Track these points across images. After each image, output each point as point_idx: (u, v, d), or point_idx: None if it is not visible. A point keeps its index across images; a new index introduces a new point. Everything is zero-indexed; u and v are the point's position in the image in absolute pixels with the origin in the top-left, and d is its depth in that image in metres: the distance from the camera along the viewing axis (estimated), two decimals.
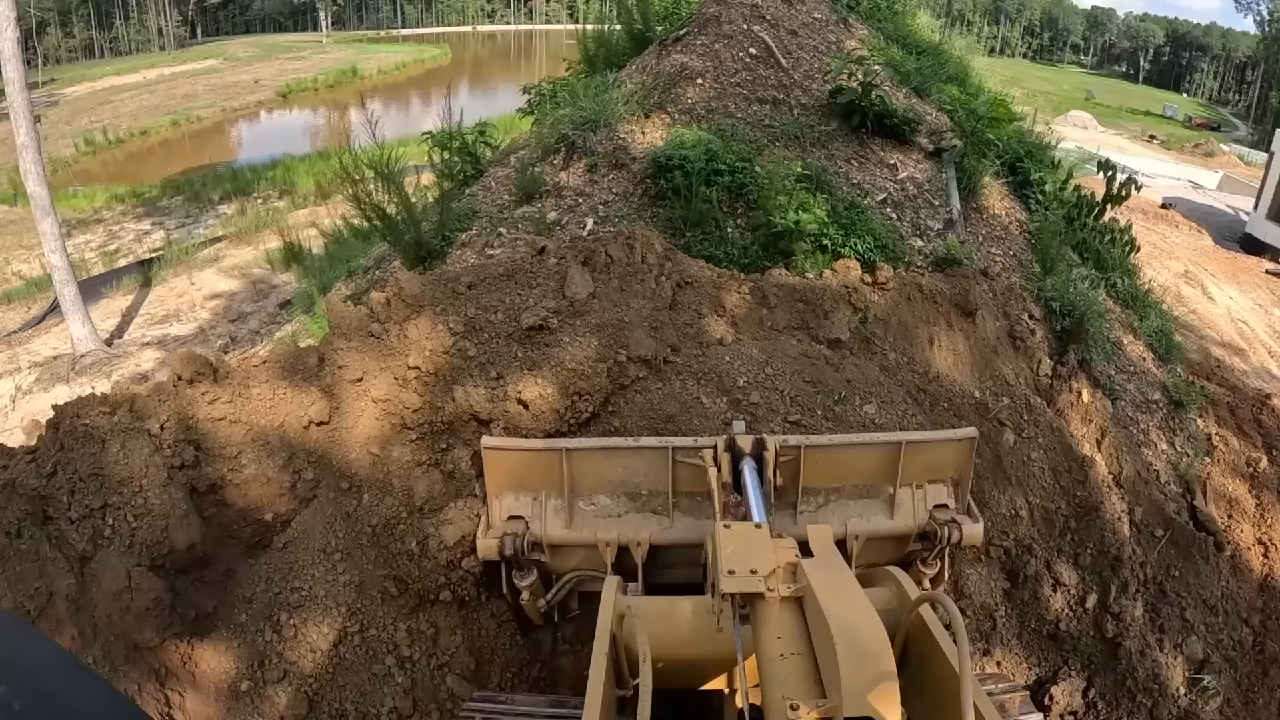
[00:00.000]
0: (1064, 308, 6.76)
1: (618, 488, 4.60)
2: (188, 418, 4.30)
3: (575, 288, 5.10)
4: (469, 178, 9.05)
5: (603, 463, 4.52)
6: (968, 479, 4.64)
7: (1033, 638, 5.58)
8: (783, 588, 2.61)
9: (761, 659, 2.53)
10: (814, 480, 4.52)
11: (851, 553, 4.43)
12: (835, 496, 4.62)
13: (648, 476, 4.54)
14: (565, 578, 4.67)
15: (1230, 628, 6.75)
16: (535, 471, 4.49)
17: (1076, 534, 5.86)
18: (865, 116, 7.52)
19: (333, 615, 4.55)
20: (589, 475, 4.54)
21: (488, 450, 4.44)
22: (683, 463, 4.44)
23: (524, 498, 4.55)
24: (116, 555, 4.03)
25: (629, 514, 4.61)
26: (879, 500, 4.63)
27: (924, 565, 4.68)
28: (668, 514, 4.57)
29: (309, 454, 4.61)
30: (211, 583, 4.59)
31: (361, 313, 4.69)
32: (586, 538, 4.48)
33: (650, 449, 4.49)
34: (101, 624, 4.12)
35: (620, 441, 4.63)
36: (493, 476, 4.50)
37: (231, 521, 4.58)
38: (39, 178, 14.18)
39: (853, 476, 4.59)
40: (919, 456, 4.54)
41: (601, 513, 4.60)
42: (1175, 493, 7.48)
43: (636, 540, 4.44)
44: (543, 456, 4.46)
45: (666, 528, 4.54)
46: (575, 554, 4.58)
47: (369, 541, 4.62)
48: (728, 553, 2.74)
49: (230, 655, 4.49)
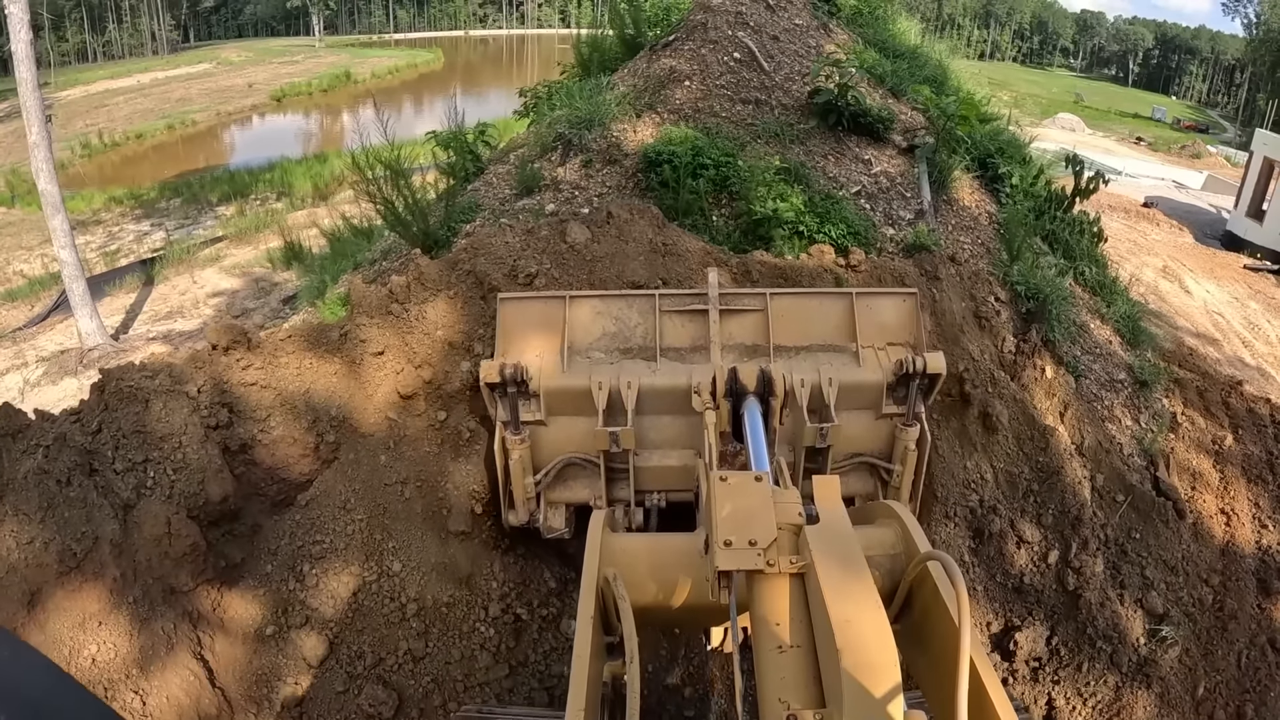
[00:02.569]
0: (1029, 291, 7.21)
1: (611, 340, 5.15)
2: (223, 382, 4.73)
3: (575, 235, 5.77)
4: (470, 175, 9.48)
5: (597, 316, 5.11)
6: (922, 340, 5.21)
7: (998, 590, 6.02)
8: (784, 561, 2.47)
9: (758, 645, 2.42)
10: (784, 338, 5.13)
11: (830, 400, 4.86)
12: (805, 353, 5.19)
13: (638, 328, 5.14)
14: (554, 462, 5.03)
15: (1190, 586, 7.15)
16: (539, 327, 5.05)
17: (1039, 496, 6.31)
18: (841, 115, 7.98)
19: (352, 565, 4.97)
20: (585, 329, 5.11)
21: (504, 301, 5.05)
22: (669, 312, 5.07)
23: (528, 352, 5.03)
24: (158, 504, 4.45)
25: (620, 363, 5.08)
26: (845, 355, 5.18)
27: (904, 433, 5.07)
28: (654, 359, 5.08)
29: (332, 419, 5.04)
30: (240, 536, 5.01)
31: (382, 293, 5.14)
32: (580, 383, 4.87)
33: (639, 297, 5.14)
34: (142, 567, 4.52)
35: (614, 292, 5.30)
36: (503, 328, 5.05)
37: (260, 480, 5.00)
38: (50, 175, 14.59)
39: (819, 334, 5.21)
40: (872, 314, 5.20)
41: (595, 364, 5.06)
42: (1138, 465, 7.90)
43: (627, 382, 4.84)
44: (550, 304, 5.07)
45: (655, 372, 5.00)
46: (569, 411, 4.94)
47: (386, 497, 5.05)
48: (724, 515, 2.56)
49: (256, 602, 4.91)
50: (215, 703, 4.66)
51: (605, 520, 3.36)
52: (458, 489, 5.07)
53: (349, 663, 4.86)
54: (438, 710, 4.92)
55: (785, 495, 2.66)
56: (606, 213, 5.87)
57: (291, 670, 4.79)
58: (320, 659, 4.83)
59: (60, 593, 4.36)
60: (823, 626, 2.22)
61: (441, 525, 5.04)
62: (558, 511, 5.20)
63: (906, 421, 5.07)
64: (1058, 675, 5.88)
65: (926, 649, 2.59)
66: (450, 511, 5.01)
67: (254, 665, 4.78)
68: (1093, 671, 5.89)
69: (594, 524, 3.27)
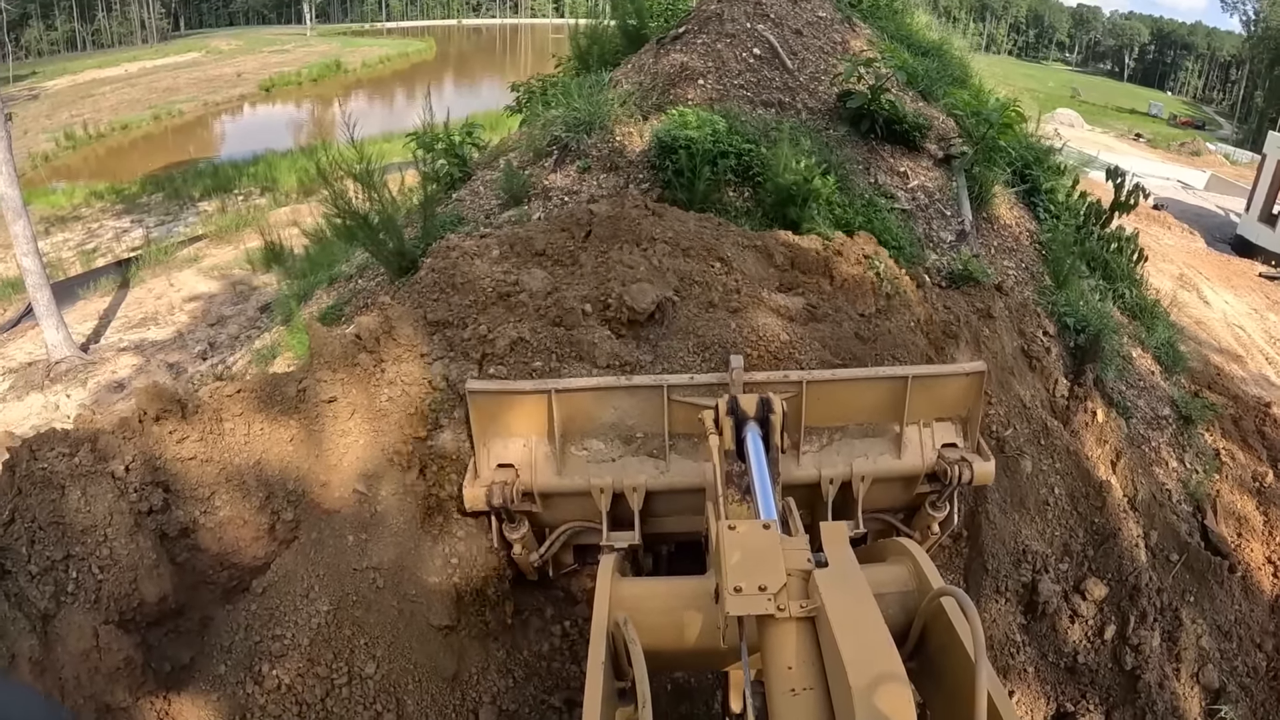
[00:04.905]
0: (1078, 323, 6.54)
1: (610, 430, 4.38)
2: (155, 457, 3.98)
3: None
4: (456, 181, 8.73)
5: (593, 404, 4.30)
6: (977, 417, 4.46)
7: (1051, 670, 5.37)
8: (794, 606, 2.46)
9: (771, 689, 2.42)
10: (817, 419, 4.34)
11: (858, 494, 4.32)
12: (840, 435, 4.46)
13: (642, 417, 4.34)
14: (558, 531, 4.49)
15: (1245, 654, 6.60)
16: (524, 416, 4.27)
17: (1094, 562, 5.65)
18: (875, 122, 7.25)
19: (318, 666, 4.24)
20: (580, 418, 4.32)
21: (473, 395, 4.19)
22: (679, 402, 4.22)
23: (513, 444, 4.32)
24: (81, 612, 3.71)
25: (623, 458, 4.37)
26: (885, 439, 4.45)
27: (933, 508, 4.51)
28: (664, 457, 4.34)
29: (289, 493, 4.30)
30: (187, 633, 4.26)
31: (347, 340, 4.38)
32: (579, 485, 4.26)
33: (644, 388, 4.27)
34: (70, 686, 3.79)
35: (611, 381, 4.41)
36: (479, 422, 4.24)
37: (206, 567, 4.26)
38: (10, 179, 13.69)
39: (857, 414, 4.42)
40: (926, 393, 4.35)
41: (594, 458, 4.37)
42: (1186, 512, 7.31)
43: (632, 485, 4.24)
44: (530, 400, 4.21)
45: (663, 471, 4.32)
46: (568, 502, 4.36)
47: (356, 584, 4.32)
48: (733, 563, 2.55)
49: (209, 710, 4.16)
50: None
51: (615, 565, 3.29)
52: (438, 575, 4.35)
53: None
54: None
55: (793, 542, 2.66)
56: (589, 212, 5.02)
57: None
58: None
59: None
60: (835, 668, 2.25)
61: (422, 617, 4.32)
62: (567, 551, 4.74)
63: (936, 503, 4.48)
64: None
65: (942, 685, 2.58)
66: (430, 603, 4.29)
67: None
68: None
69: (603, 569, 3.21)
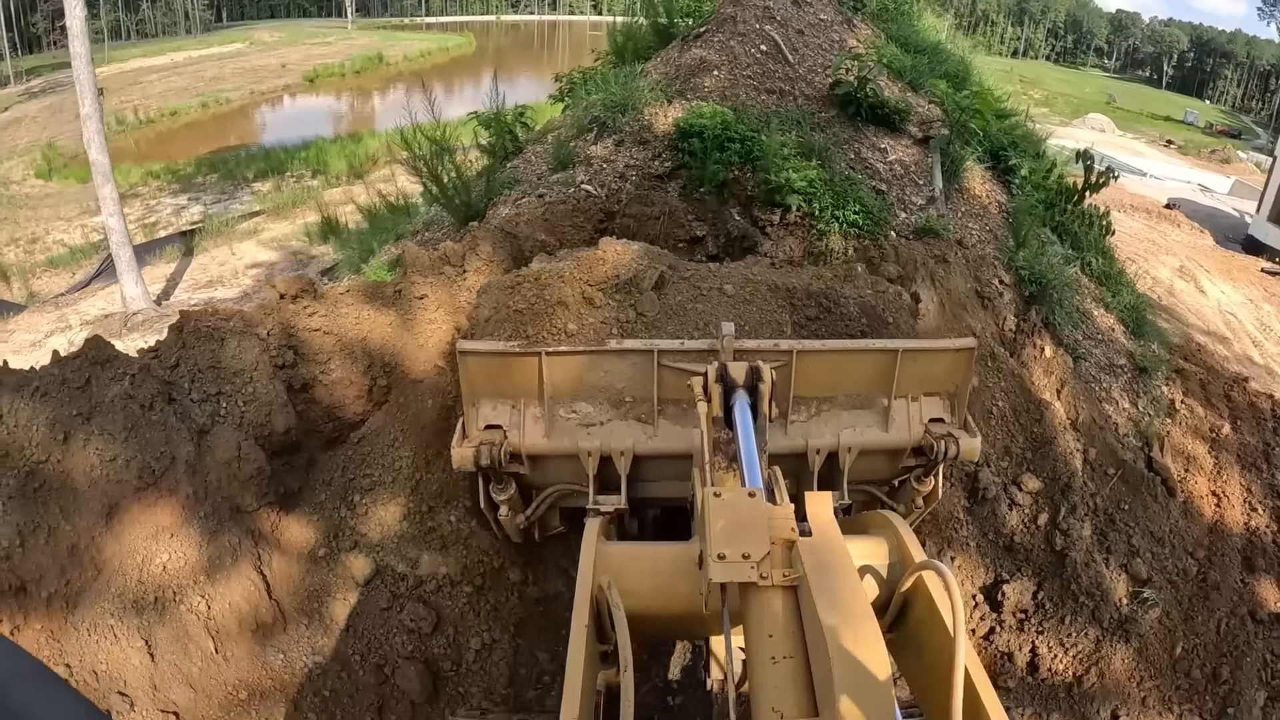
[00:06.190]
0: (1032, 276, 7.63)
1: (600, 394, 4.42)
2: (289, 327, 5.28)
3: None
4: (509, 153, 10.05)
5: (584, 367, 4.34)
6: (965, 392, 4.52)
7: (990, 547, 6.46)
8: (777, 574, 2.49)
9: (752, 656, 2.44)
10: (806, 389, 4.42)
11: (844, 466, 4.41)
12: (828, 406, 4.51)
13: (631, 382, 4.38)
14: (545, 493, 4.63)
15: (1175, 557, 7.48)
16: (514, 377, 4.32)
17: (1032, 464, 6.74)
18: (860, 106, 8.47)
19: (399, 497, 5.50)
20: (569, 381, 4.37)
21: (464, 355, 4.23)
22: (668, 368, 4.28)
23: (502, 405, 4.37)
24: (229, 430, 4.99)
25: (612, 422, 4.40)
26: (873, 411, 4.51)
27: (918, 482, 4.67)
28: (652, 422, 4.39)
29: (384, 364, 5.59)
30: (298, 467, 5.55)
31: (435, 255, 5.69)
32: (567, 447, 4.33)
33: (634, 352, 4.33)
34: (212, 487, 5.04)
35: (602, 345, 4.47)
36: (469, 383, 4.30)
37: (318, 418, 5.55)
38: (101, 146, 15.31)
39: (846, 385, 4.48)
40: (915, 367, 4.41)
41: (583, 421, 4.40)
42: (1133, 444, 8.27)
43: (619, 449, 4.28)
44: (521, 361, 4.24)
45: (651, 436, 4.38)
46: (556, 465, 4.44)
47: (429, 438, 5.57)
48: (718, 529, 2.57)
49: (311, 526, 5.43)
50: (271, 612, 5.19)
51: (600, 528, 3.35)
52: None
53: (392, 583, 5.37)
54: (471, 630, 5.44)
55: (778, 511, 2.67)
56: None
57: (340, 588, 5.31)
58: (366, 579, 5.34)
59: (137, 507, 4.82)
60: (815, 637, 2.27)
61: None
62: (553, 513, 5.03)
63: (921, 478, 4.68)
64: (1042, 626, 6.32)
65: (922, 657, 2.65)
66: None
67: (307, 582, 5.30)
68: (1075, 624, 6.32)
69: (589, 532, 3.26)
